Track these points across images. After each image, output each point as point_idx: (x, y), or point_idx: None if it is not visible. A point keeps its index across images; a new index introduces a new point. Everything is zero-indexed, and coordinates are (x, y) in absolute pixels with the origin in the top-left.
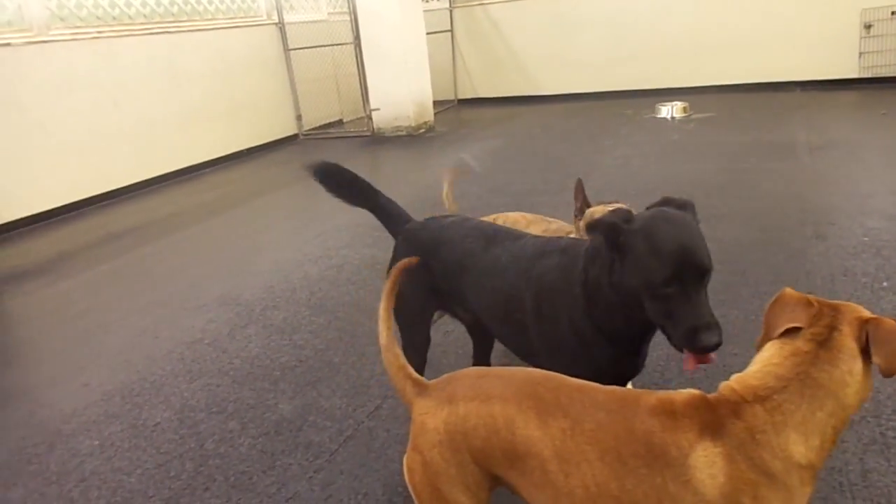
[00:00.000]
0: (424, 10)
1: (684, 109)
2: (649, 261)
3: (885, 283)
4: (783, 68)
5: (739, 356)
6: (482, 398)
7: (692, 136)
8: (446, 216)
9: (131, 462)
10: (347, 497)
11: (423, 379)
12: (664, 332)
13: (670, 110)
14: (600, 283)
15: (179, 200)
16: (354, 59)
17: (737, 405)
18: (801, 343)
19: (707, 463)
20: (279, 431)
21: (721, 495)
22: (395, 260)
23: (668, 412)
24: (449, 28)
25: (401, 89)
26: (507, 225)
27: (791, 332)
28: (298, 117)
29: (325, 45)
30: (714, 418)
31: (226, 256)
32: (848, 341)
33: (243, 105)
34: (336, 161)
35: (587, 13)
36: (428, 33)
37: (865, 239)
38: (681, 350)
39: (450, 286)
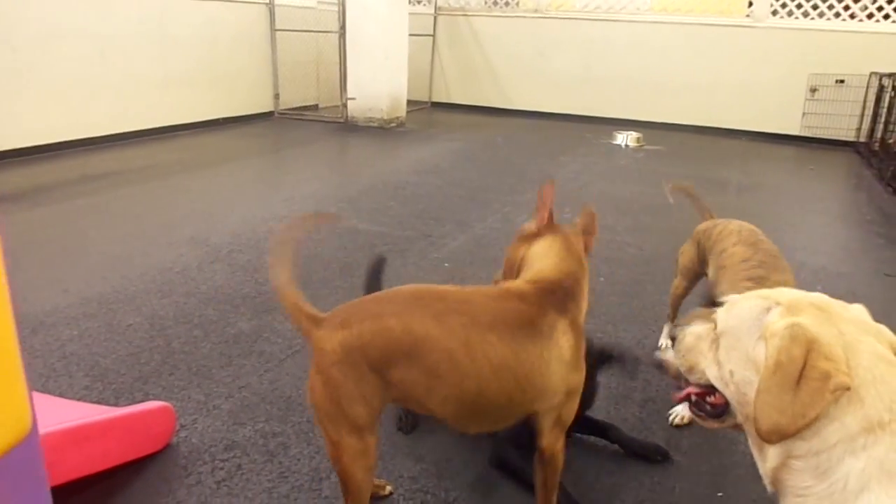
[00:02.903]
0: (410, 13)
1: (638, 140)
2: None
3: None
4: (733, 118)
5: (656, 332)
6: (374, 317)
7: (640, 163)
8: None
9: (106, 349)
10: (290, 390)
11: (317, 313)
12: None
13: (625, 139)
14: None
15: (155, 155)
16: (337, 48)
17: (559, 290)
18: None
19: (563, 331)
20: (237, 341)
21: (570, 353)
22: None
23: (531, 299)
24: (431, 33)
25: (378, 83)
26: (719, 232)
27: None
28: (276, 96)
29: (310, 31)
30: (556, 299)
31: (197, 206)
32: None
33: (225, 76)
34: (308, 142)
35: (563, 38)
36: (411, 35)
37: None
38: None
39: None
